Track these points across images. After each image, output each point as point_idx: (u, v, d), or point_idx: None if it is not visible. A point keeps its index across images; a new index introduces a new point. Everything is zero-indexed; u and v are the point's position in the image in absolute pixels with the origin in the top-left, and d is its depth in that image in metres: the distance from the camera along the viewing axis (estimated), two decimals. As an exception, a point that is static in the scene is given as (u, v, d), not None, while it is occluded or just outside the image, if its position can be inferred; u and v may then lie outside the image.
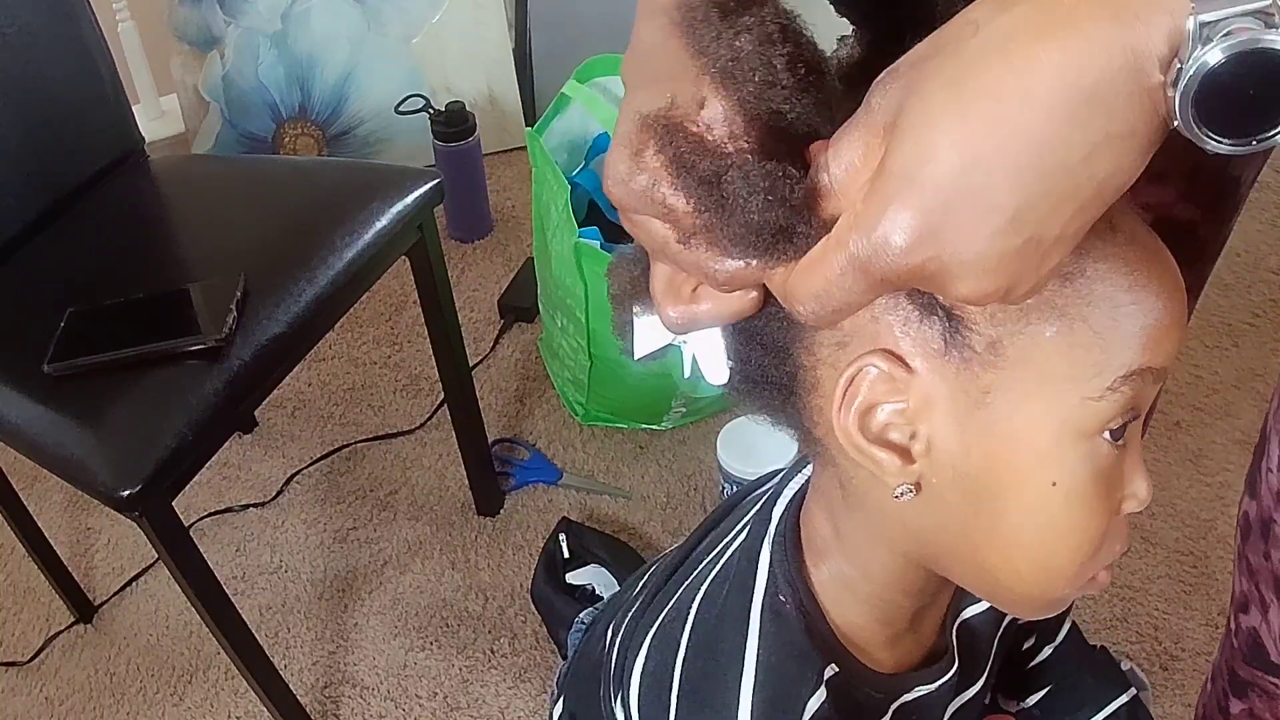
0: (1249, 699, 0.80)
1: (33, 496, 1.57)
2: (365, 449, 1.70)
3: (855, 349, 0.47)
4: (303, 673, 1.42)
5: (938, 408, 0.47)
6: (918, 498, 0.49)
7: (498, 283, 1.94)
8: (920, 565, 0.57)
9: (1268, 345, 1.73)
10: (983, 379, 0.46)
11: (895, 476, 0.49)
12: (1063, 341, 0.45)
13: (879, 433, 0.48)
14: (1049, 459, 0.47)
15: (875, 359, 0.46)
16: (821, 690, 0.58)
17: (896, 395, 0.47)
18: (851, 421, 0.48)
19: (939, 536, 0.52)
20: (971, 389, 0.46)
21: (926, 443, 0.48)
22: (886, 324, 0.47)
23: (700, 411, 1.66)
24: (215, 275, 1.16)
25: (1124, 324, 0.45)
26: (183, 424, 1.03)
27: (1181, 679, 1.33)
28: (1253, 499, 0.74)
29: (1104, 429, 0.47)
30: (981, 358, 0.46)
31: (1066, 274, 0.45)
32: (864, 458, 0.48)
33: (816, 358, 0.49)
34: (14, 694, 1.43)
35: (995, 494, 0.48)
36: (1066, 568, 0.50)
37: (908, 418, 0.48)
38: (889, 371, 0.46)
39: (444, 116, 1.92)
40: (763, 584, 0.61)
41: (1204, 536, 1.48)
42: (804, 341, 0.50)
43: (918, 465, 0.49)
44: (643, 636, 0.68)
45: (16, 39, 1.24)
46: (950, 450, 0.48)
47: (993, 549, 0.50)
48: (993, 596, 0.56)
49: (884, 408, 0.48)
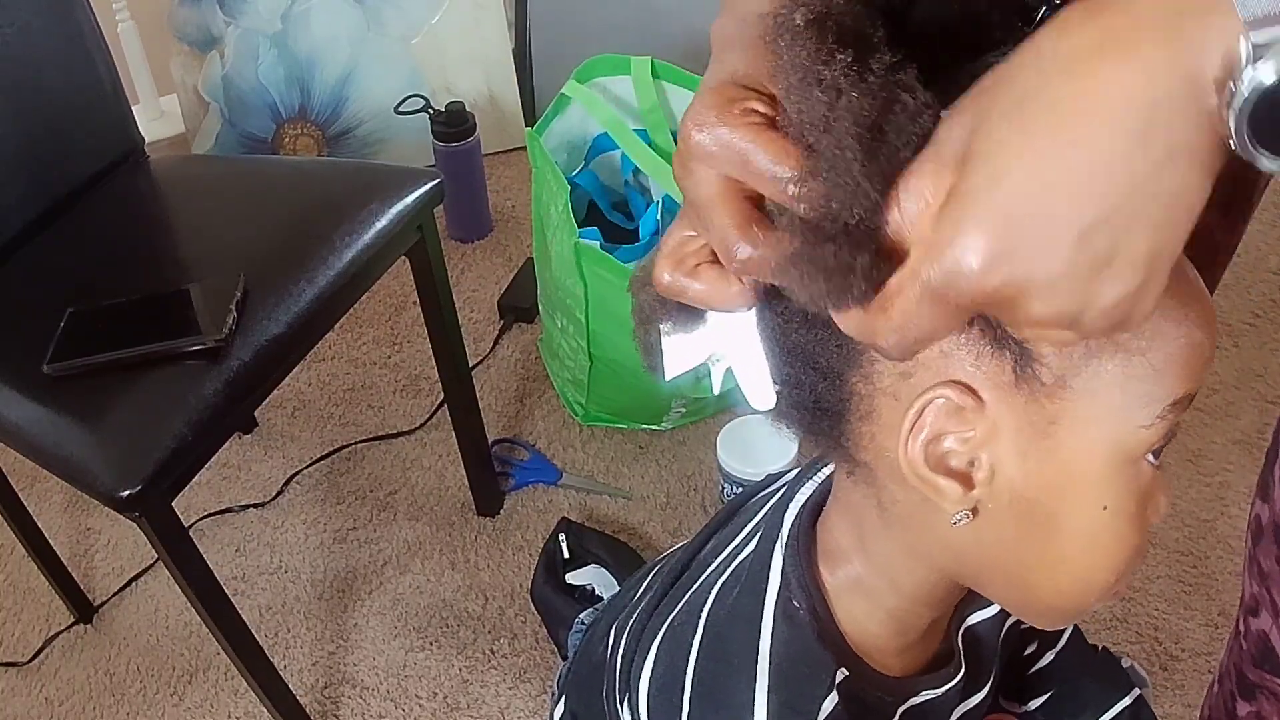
0: (1257, 701, 0.80)
1: (33, 496, 1.57)
2: (365, 449, 1.70)
3: (921, 381, 0.48)
4: (303, 673, 1.42)
5: (1003, 437, 0.48)
6: (972, 522, 0.50)
7: (498, 283, 1.94)
8: (953, 580, 0.58)
9: (1268, 345, 1.73)
10: (1049, 410, 0.47)
11: (955, 504, 0.49)
12: (1122, 374, 0.46)
13: (940, 460, 0.49)
14: (1103, 484, 0.49)
15: (947, 390, 0.47)
16: (834, 693, 0.58)
17: (964, 425, 0.48)
18: (918, 451, 0.48)
19: (985, 557, 0.53)
20: (1038, 420, 0.47)
21: (990, 470, 0.49)
22: (957, 358, 0.47)
23: (700, 412, 1.66)
24: (215, 275, 1.16)
25: (1175, 356, 0.47)
26: (183, 424, 1.03)
27: (1181, 679, 1.33)
28: (1264, 502, 0.74)
29: (1149, 452, 0.49)
30: (1049, 390, 0.47)
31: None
32: (926, 487, 0.49)
33: (876, 386, 0.50)
34: (14, 694, 1.43)
35: (1050, 517, 0.50)
36: (1106, 582, 0.52)
37: (971, 446, 0.48)
38: (958, 402, 0.47)
39: (444, 117, 1.92)
40: (775, 588, 0.61)
41: (1204, 537, 1.48)
42: (862, 369, 0.50)
43: (977, 491, 0.49)
44: (651, 639, 0.68)
45: (16, 39, 1.23)
46: (1011, 477, 0.49)
47: (1039, 568, 0.52)
48: (1022, 608, 0.57)
49: (951, 436, 0.48)
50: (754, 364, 0.51)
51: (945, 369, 0.47)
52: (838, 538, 0.61)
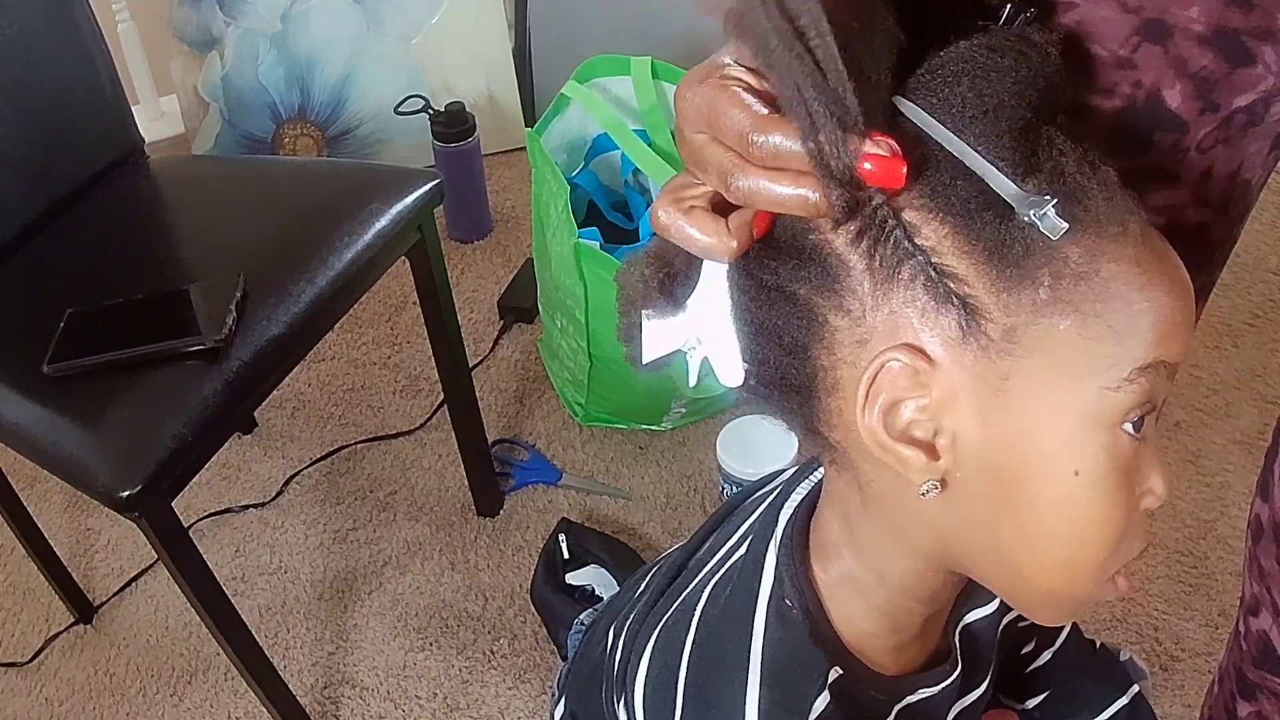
0: (1258, 701, 0.80)
1: (33, 497, 1.58)
2: (365, 450, 1.70)
3: (876, 345, 0.48)
4: (302, 673, 1.42)
5: (960, 400, 0.48)
6: (943, 494, 0.50)
7: (497, 283, 1.94)
8: (940, 568, 0.58)
9: (1267, 345, 1.73)
10: (1000, 366, 0.47)
11: (921, 473, 0.49)
12: (1078, 334, 0.47)
13: (903, 430, 0.49)
14: (1072, 447, 0.48)
15: (897, 353, 0.47)
16: (826, 693, 0.58)
17: (919, 390, 0.48)
18: (876, 419, 0.49)
19: (964, 534, 0.53)
20: (990, 376, 0.47)
21: (951, 437, 0.49)
22: (905, 316, 0.48)
23: (700, 412, 1.66)
24: (215, 276, 1.16)
25: (1138, 319, 0.47)
26: (182, 424, 1.03)
27: (1181, 679, 1.33)
28: (1264, 502, 0.74)
29: (1124, 420, 0.48)
30: (998, 345, 0.47)
31: (1081, 273, 0.46)
32: (889, 456, 0.49)
33: (837, 357, 0.50)
34: (13, 694, 1.43)
35: (1020, 485, 0.49)
36: (1091, 561, 0.51)
37: (931, 413, 0.49)
38: (911, 364, 0.47)
39: (444, 117, 1.92)
40: (768, 587, 0.61)
41: (1204, 537, 1.48)
42: (824, 341, 0.50)
43: (943, 461, 0.49)
44: (646, 639, 0.68)
45: (16, 39, 1.23)
46: (974, 443, 0.49)
47: (1019, 543, 0.51)
48: (1015, 595, 0.57)
49: (908, 404, 0.49)
50: (724, 340, 0.53)
51: (895, 331, 0.48)
52: (829, 532, 0.61)
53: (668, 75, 1.61)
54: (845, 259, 0.48)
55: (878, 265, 0.47)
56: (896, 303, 0.47)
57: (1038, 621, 0.72)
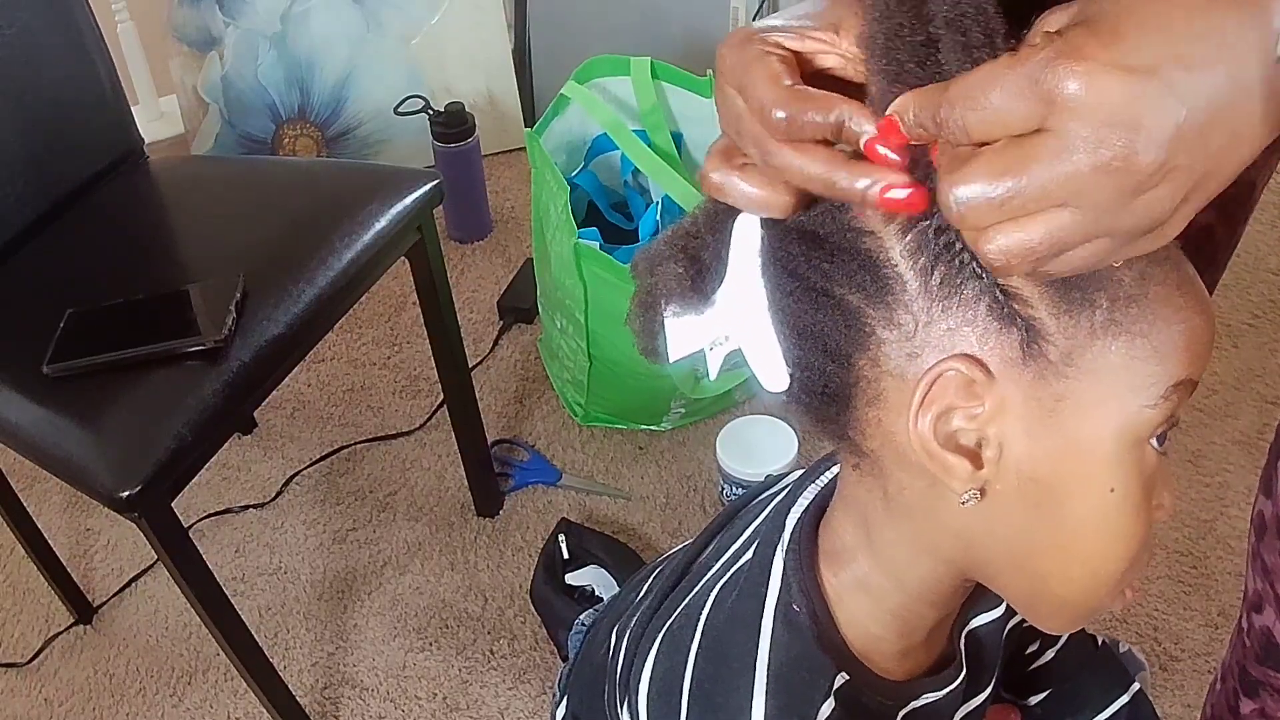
0: (1260, 699, 0.80)
1: (33, 497, 1.57)
2: (365, 450, 1.70)
3: (928, 359, 0.48)
4: (302, 674, 1.42)
5: (1010, 414, 0.49)
6: (980, 504, 0.51)
7: (497, 283, 1.94)
8: (959, 575, 0.58)
9: (1267, 345, 1.73)
10: (1056, 387, 0.48)
11: (964, 482, 0.50)
12: (1127, 356, 0.48)
13: (950, 437, 0.49)
14: (1110, 465, 0.49)
15: (957, 363, 0.48)
16: (832, 699, 0.58)
17: (973, 400, 0.48)
18: (928, 427, 0.49)
19: (992, 543, 0.53)
20: (1045, 397, 0.48)
21: (998, 448, 0.49)
22: (962, 334, 0.48)
23: (700, 412, 1.66)
24: (214, 276, 1.15)
25: (1176, 339, 0.48)
26: (182, 425, 1.03)
27: (1181, 679, 1.33)
28: (1268, 498, 0.74)
29: (1153, 435, 0.50)
30: (1056, 368, 0.48)
31: (1133, 296, 0.47)
32: (935, 464, 0.49)
33: (882, 369, 0.50)
34: (13, 695, 1.43)
35: (1058, 499, 0.50)
36: (1114, 573, 0.52)
37: (980, 423, 0.49)
38: (969, 375, 0.48)
39: (443, 117, 1.92)
40: (775, 592, 0.61)
41: (1204, 537, 1.48)
42: (869, 353, 0.50)
43: (985, 471, 0.50)
44: (650, 641, 0.68)
45: (16, 39, 1.23)
46: (1018, 456, 0.49)
47: (1049, 554, 0.52)
48: (1033, 605, 0.57)
49: (959, 413, 0.49)
50: (765, 345, 0.51)
51: (953, 347, 0.48)
52: (842, 537, 0.61)
53: (667, 75, 1.61)
54: (900, 271, 0.48)
55: (937, 283, 0.47)
56: (955, 320, 0.48)
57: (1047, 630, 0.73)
